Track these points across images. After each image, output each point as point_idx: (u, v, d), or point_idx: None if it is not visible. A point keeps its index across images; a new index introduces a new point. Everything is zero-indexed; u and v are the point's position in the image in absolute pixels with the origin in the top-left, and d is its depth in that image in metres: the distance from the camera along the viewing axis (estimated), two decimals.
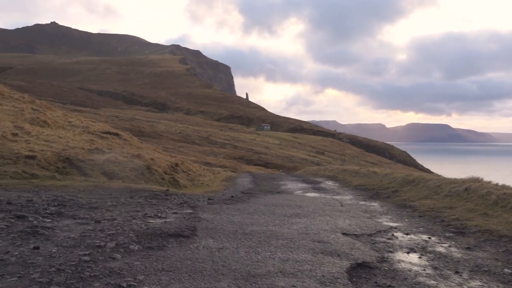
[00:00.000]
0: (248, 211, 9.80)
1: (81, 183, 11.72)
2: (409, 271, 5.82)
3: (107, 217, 7.72)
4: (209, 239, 6.74)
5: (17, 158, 12.62)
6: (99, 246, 5.83)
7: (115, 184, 12.28)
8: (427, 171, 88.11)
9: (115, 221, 7.41)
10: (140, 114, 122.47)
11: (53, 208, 8.14)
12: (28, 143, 14.39)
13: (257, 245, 6.57)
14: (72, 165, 13.29)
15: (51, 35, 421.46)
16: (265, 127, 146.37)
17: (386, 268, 5.94)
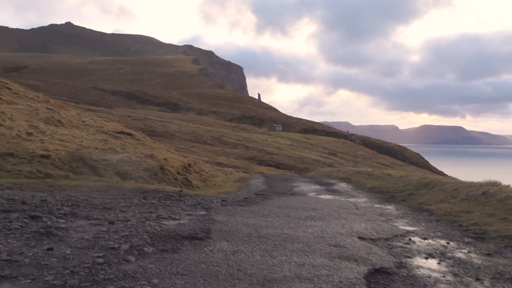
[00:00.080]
0: (262, 213, 9.69)
1: (95, 183, 11.72)
2: (429, 278, 5.65)
3: (121, 218, 7.67)
4: (224, 242, 6.64)
5: (32, 158, 12.68)
6: (113, 248, 5.77)
7: (129, 185, 12.26)
8: (441, 174, 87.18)
9: (129, 223, 7.36)
10: (153, 114, 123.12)
11: (67, 209, 8.12)
12: (43, 143, 14.47)
13: (273, 249, 6.46)
14: (86, 165, 13.32)
15: (66, 35, 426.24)
16: (277, 128, 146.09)
17: (405, 274, 5.78)
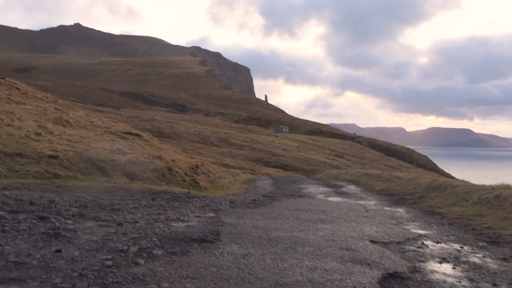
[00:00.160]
0: (272, 216, 9.57)
1: (103, 184, 11.67)
2: (444, 283, 5.50)
3: (129, 220, 7.59)
4: (234, 245, 6.53)
5: (40, 158, 12.66)
6: (122, 251, 5.68)
7: (136, 186, 12.20)
8: (449, 176, 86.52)
9: (138, 224, 7.27)
10: (160, 115, 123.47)
11: (75, 210, 8.06)
12: (51, 143, 14.45)
13: (283, 252, 6.34)
14: (94, 166, 13.28)
15: (75, 36, 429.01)
16: (284, 129, 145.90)
17: (419, 279, 5.63)
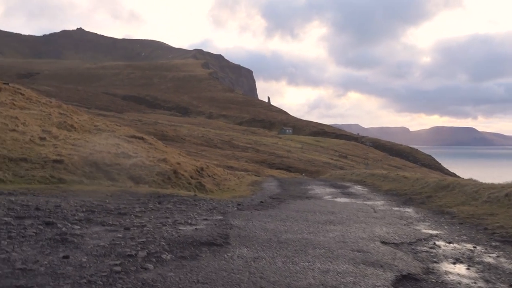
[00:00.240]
0: (280, 218, 9.45)
1: (109, 188, 11.58)
2: (459, 284, 5.37)
3: (137, 224, 7.48)
4: (243, 248, 6.41)
5: (45, 163, 12.59)
6: (130, 255, 5.56)
7: (142, 189, 12.10)
8: (453, 175, 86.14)
9: (145, 228, 7.16)
10: (163, 118, 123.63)
11: (82, 214, 7.96)
12: (56, 147, 14.38)
13: (294, 255, 6.22)
14: (99, 170, 13.20)
15: (77, 41, 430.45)
16: (287, 131, 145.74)
17: (434, 281, 5.50)
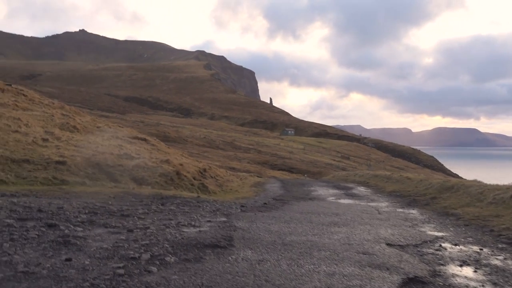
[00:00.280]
0: (284, 219, 9.38)
1: (111, 190, 11.52)
2: (467, 287, 5.29)
3: (140, 226, 7.41)
4: (248, 250, 6.34)
5: (48, 164, 12.55)
6: (134, 258, 5.49)
7: (145, 190, 12.04)
8: (456, 176, 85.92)
9: (148, 230, 7.09)
10: (165, 119, 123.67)
11: (84, 216, 7.89)
12: (58, 149, 14.34)
13: (299, 257, 6.14)
14: (102, 171, 13.14)
15: (80, 42, 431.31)
16: (289, 132, 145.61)
17: (441, 284, 5.42)
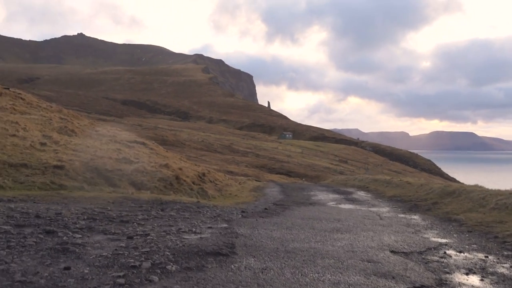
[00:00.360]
0: (286, 225, 9.25)
1: (110, 195, 11.36)
2: None
3: (140, 233, 7.26)
4: (250, 258, 6.21)
5: (45, 168, 12.39)
6: (134, 267, 5.34)
7: (145, 196, 11.88)
8: (453, 180, 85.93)
9: (148, 237, 6.94)
10: (163, 123, 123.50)
11: (83, 222, 7.73)
12: (56, 153, 14.17)
13: (302, 265, 6.02)
14: (100, 175, 12.99)
15: (78, 46, 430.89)
16: (287, 136, 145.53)
17: None
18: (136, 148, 19.27)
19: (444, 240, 8.62)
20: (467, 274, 6.20)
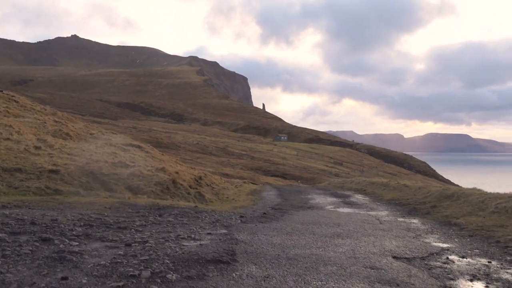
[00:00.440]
0: (286, 231, 9.11)
1: (106, 200, 11.17)
2: None
3: (138, 239, 7.09)
4: (252, 266, 6.07)
5: (40, 173, 12.18)
6: (133, 276, 5.18)
7: (141, 200, 11.70)
8: (448, 182, 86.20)
9: (147, 244, 6.78)
10: (158, 125, 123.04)
11: (80, 229, 7.55)
12: (51, 157, 13.96)
13: (305, 273, 5.89)
14: (96, 180, 12.79)
15: (72, 48, 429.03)
16: (282, 138, 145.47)
17: None
18: (132, 152, 19.07)
19: (446, 245, 8.53)
20: (472, 281, 6.11)
